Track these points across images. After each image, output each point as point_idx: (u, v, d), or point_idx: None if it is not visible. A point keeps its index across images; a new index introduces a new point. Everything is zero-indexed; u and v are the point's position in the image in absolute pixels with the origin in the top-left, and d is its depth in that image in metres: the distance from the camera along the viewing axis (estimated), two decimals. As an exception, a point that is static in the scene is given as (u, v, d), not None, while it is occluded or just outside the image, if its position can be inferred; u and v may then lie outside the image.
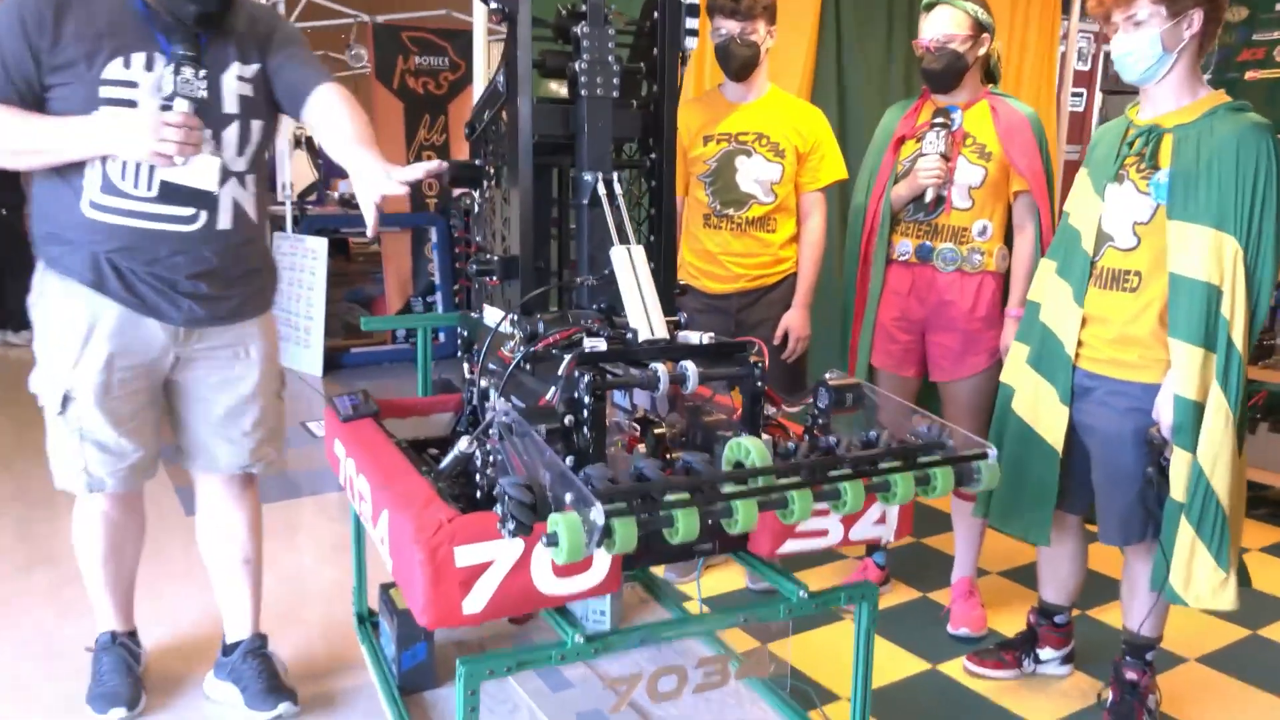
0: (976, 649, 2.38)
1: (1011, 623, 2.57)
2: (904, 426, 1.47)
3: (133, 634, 2.23)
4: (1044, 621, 2.29)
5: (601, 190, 1.59)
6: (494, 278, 1.72)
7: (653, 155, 1.71)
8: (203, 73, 1.75)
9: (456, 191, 6.00)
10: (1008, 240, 2.52)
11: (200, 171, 1.80)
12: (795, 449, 1.35)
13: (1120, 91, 6.42)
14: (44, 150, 1.78)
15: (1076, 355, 2.01)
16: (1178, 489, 1.86)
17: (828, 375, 1.50)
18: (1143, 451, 1.93)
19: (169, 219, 1.83)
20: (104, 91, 1.75)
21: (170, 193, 1.81)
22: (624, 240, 1.57)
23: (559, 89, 1.72)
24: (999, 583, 2.89)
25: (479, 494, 1.42)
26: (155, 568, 2.68)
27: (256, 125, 1.91)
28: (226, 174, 1.86)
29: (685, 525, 1.10)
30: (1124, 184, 1.94)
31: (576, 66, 1.58)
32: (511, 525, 1.11)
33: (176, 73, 1.72)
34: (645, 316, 1.50)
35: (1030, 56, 4.25)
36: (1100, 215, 1.98)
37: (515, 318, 1.56)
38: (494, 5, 1.54)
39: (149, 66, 1.77)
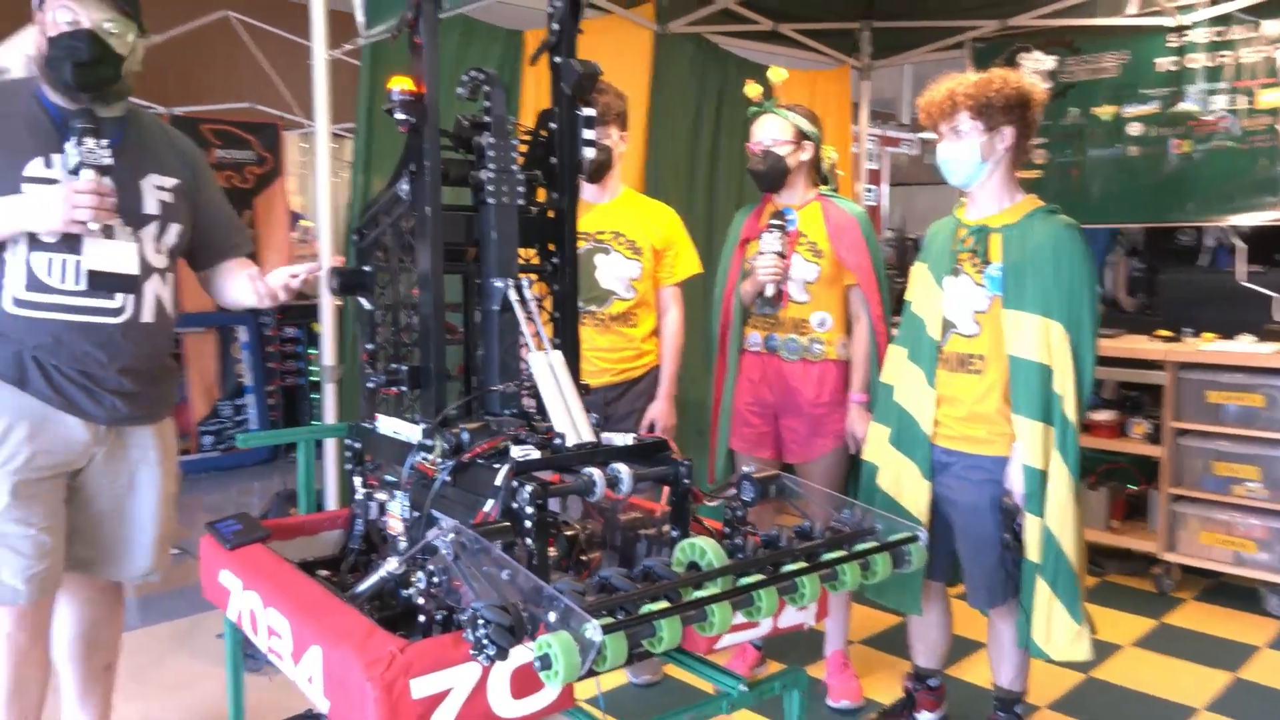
0: (859, 720, 2.48)
1: (882, 688, 2.69)
2: (816, 511, 1.55)
3: None
4: (919, 686, 2.43)
5: (512, 295, 1.59)
6: (397, 387, 1.67)
7: (555, 260, 1.74)
8: (106, 142, 1.81)
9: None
10: (850, 331, 2.73)
11: (119, 255, 1.88)
12: (742, 545, 1.39)
13: (903, 184, 7.18)
14: None
15: (933, 434, 2.19)
16: (1032, 551, 2.06)
17: (748, 469, 1.56)
18: (999, 519, 2.11)
19: (96, 311, 1.87)
20: (26, 188, 1.82)
21: (97, 284, 1.86)
22: (539, 345, 1.58)
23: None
24: (864, 651, 3.03)
25: (420, 618, 1.35)
26: None
27: (174, 228, 1.99)
28: (148, 269, 1.93)
29: (670, 634, 1.11)
30: (960, 277, 2.17)
31: (482, 175, 1.59)
32: (491, 650, 1.07)
33: (79, 143, 1.79)
34: (571, 421, 1.51)
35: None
36: (942, 304, 2.19)
37: (434, 429, 1.51)
38: (400, 117, 1.53)
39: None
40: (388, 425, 1.72)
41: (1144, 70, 4.13)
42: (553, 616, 1.05)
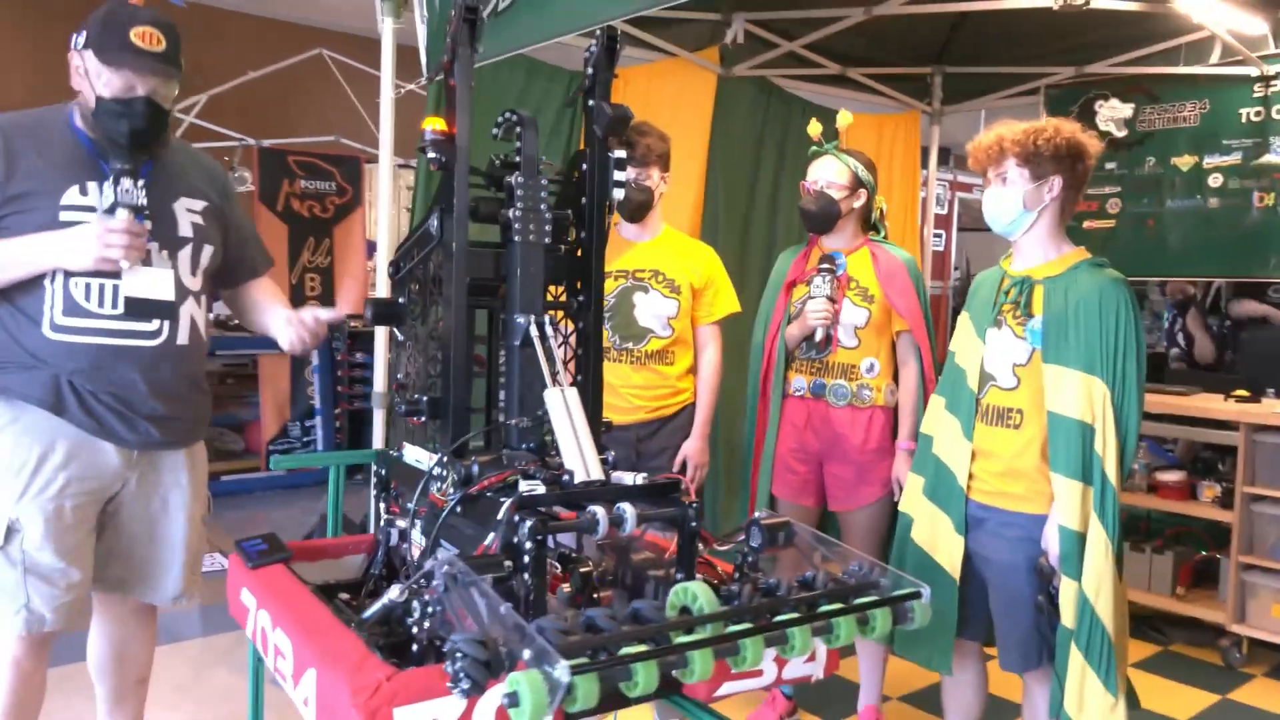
0: (886, 780, 2.40)
1: (914, 750, 2.61)
2: (827, 560, 1.52)
3: None
4: (950, 749, 2.34)
5: (534, 332, 1.62)
6: (418, 417, 1.71)
7: (580, 297, 1.76)
8: (141, 183, 1.86)
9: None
10: (897, 378, 2.68)
11: (157, 283, 1.92)
12: (739, 592, 1.37)
13: (971, 229, 7.05)
14: None
15: (968, 487, 2.13)
16: (1067, 616, 1.97)
17: (759, 515, 1.54)
18: (1035, 580, 2.04)
19: (133, 334, 1.91)
20: (63, 215, 1.86)
21: (134, 308, 1.90)
22: (557, 382, 1.60)
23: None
24: (900, 708, 2.94)
25: (415, 647, 1.37)
26: None
27: (207, 249, 2.04)
28: (184, 292, 1.98)
29: (645, 679, 1.10)
30: (1002, 329, 2.12)
31: (510, 214, 1.63)
32: (466, 684, 1.08)
33: (116, 183, 1.85)
34: (581, 458, 1.52)
35: (895, 202, 4.65)
36: (982, 356, 2.14)
37: (447, 459, 1.54)
38: (432, 155, 1.59)
39: (102, 192, 1.89)
40: (412, 454, 1.76)
41: (1227, 120, 4.00)
42: (527, 654, 1.06)
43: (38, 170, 1.87)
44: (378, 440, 3.05)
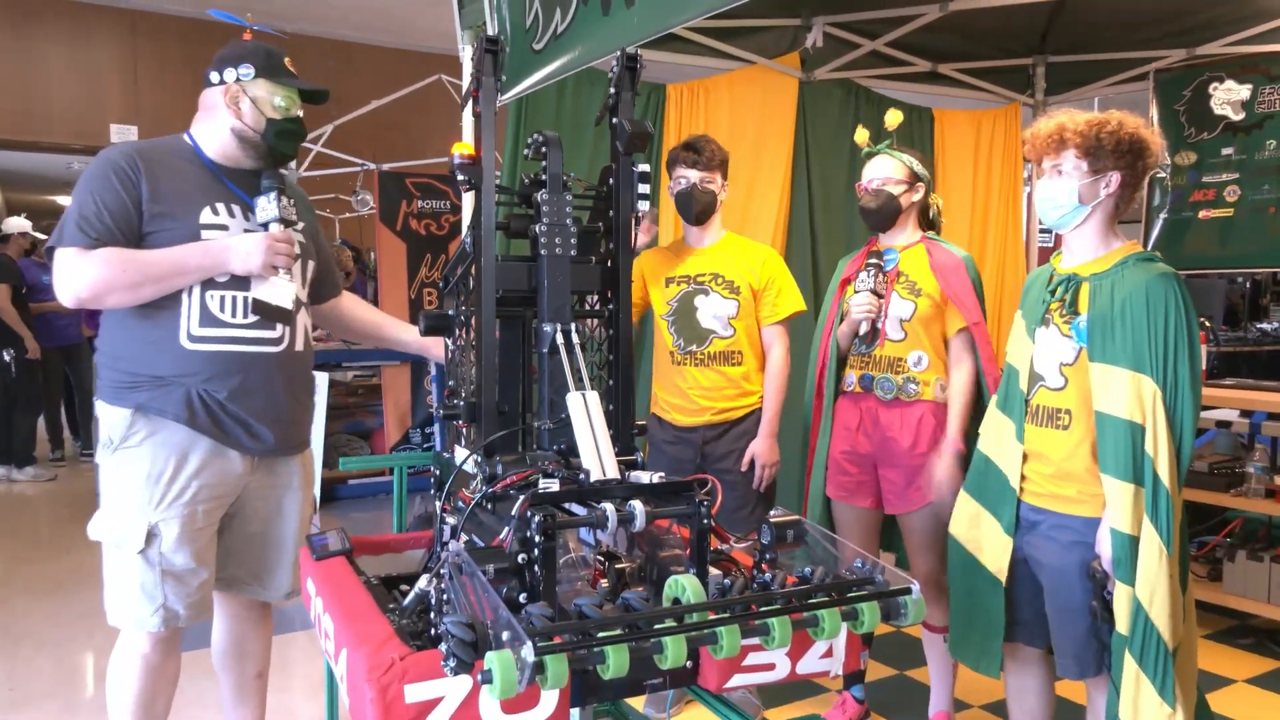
0: (951, 786, 2.36)
1: (988, 759, 2.55)
2: (845, 561, 1.55)
3: None
4: (1015, 756, 2.29)
5: (559, 340, 1.71)
6: (461, 420, 1.83)
7: (611, 305, 1.85)
8: (292, 201, 2.08)
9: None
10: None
11: (280, 291, 2.09)
12: (732, 585, 1.42)
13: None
14: (165, 278, 2.00)
15: (1021, 489, 2.09)
16: (1121, 622, 1.91)
17: (772, 513, 1.58)
18: (1089, 584, 1.98)
19: (260, 341, 2.08)
20: (204, 234, 2.05)
21: (259, 312, 2.07)
22: (580, 386, 1.69)
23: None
24: (981, 716, 2.87)
25: (432, 631, 1.48)
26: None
27: (311, 265, 2.25)
28: (297, 302, 2.15)
29: (615, 661, 1.17)
30: (1049, 327, 2.07)
31: (537, 229, 1.73)
32: (452, 663, 1.18)
33: (278, 200, 2.06)
34: (598, 458, 1.60)
35: (997, 199, 4.51)
36: (1032, 356, 2.10)
37: (478, 459, 1.66)
38: (461, 178, 1.71)
39: (231, 213, 2.10)
40: (459, 455, 1.89)
41: (1358, 96, 3.71)
42: (505, 636, 1.15)
43: (175, 192, 2.05)
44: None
